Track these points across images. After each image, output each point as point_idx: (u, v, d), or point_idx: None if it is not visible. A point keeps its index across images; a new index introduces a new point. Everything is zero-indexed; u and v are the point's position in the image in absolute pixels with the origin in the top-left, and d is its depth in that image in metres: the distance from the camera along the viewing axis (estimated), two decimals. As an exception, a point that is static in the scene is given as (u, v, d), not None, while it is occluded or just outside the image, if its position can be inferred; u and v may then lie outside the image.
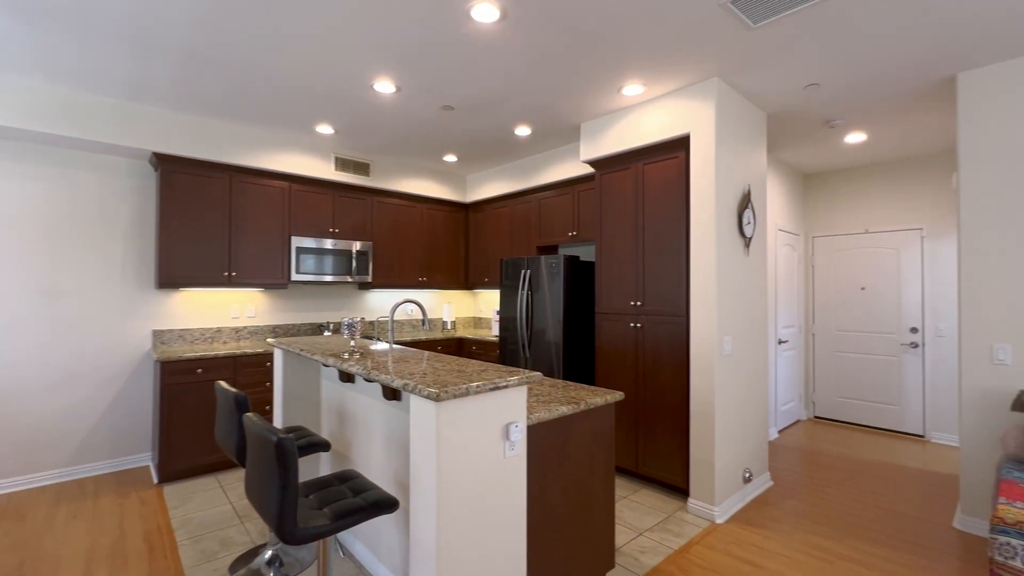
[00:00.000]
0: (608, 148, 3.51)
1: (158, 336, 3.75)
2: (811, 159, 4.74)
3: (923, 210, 4.61)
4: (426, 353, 2.32)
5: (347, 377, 2.48)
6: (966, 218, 2.83)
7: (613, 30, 2.42)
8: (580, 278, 3.91)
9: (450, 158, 4.73)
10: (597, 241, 3.62)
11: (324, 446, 2.35)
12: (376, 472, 2.32)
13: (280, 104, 3.42)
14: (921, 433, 4.60)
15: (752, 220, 3.25)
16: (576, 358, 3.87)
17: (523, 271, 4.08)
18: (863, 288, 4.95)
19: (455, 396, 1.50)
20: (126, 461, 3.64)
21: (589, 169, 4.06)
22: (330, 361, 2.12)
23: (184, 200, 3.63)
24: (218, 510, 2.96)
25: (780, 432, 4.75)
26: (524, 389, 1.74)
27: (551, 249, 4.68)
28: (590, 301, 4.00)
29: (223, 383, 2.29)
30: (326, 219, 4.37)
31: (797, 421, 5.14)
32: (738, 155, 3.17)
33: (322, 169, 4.32)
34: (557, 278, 3.80)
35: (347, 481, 1.94)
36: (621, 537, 2.65)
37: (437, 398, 1.46)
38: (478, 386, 1.55)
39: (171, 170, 3.59)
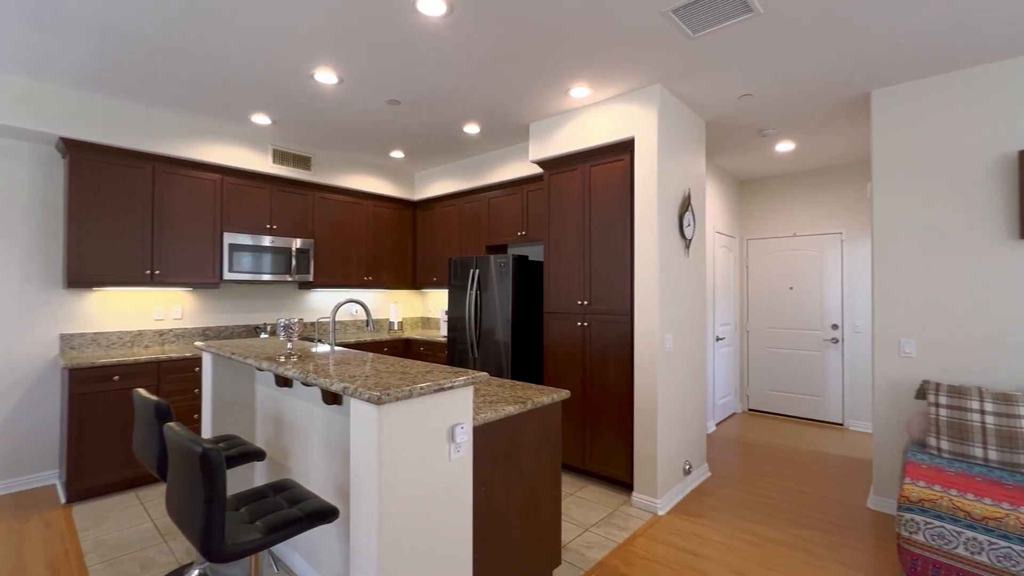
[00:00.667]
0: (556, 149, 3.54)
1: (67, 341, 3.40)
2: (746, 166, 5.02)
3: (843, 216, 5.00)
4: (370, 355, 2.24)
5: (284, 382, 2.34)
6: (878, 225, 3.09)
7: (560, 32, 2.44)
8: (529, 278, 3.93)
9: (397, 154, 4.61)
10: (545, 241, 3.65)
11: (258, 455, 2.21)
12: (316, 480, 2.21)
13: (211, 91, 3.19)
14: (841, 421, 4.99)
15: (692, 222, 3.39)
16: (525, 358, 3.88)
17: (472, 271, 4.05)
18: (791, 288, 5.31)
19: (398, 399, 1.45)
20: (27, 481, 3.26)
21: (538, 169, 4.08)
22: (264, 365, 2.00)
23: (98, 191, 3.31)
24: (137, 529, 2.71)
25: (718, 425, 5.00)
26: (470, 390, 1.71)
27: (500, 249, 4.68)
28: (539, 301, 4.03)
29: (142, 391, 2.10)
30: (263, 215, 4.14)
31: (733, 414, 5.43)
32: (679, 160, 3.29)
33: (258, 162, 4.08)
34: (506, 278, 3.80)
35: (283, 491, 1.83)
36: (568, 533, 2.68)
37: (379, 401, 1.40)
38: (422, 388, 1.51)
39: (82, 158, 3.26)
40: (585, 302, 3.39)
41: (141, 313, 3.73)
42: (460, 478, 1.67)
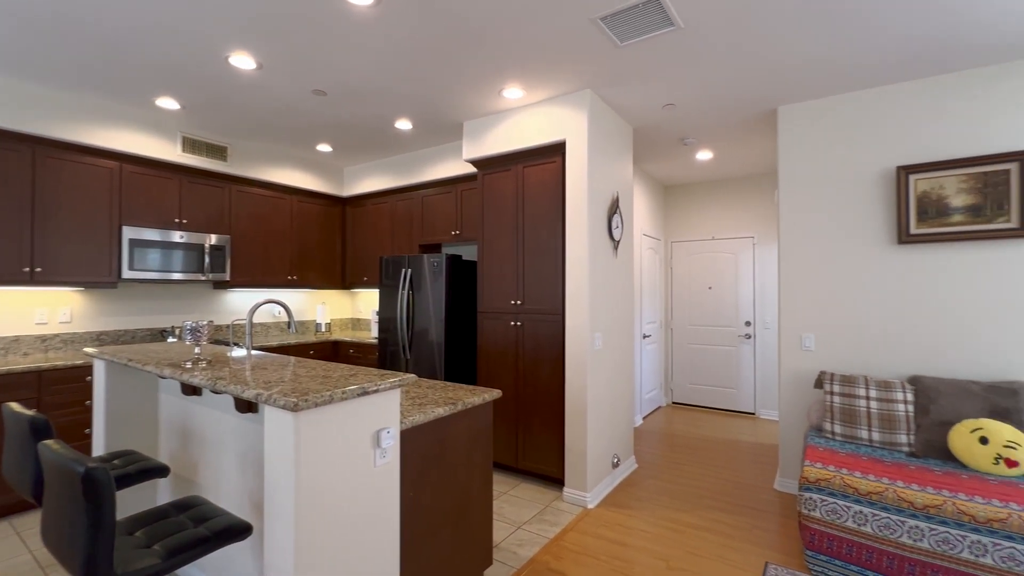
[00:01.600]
0: (490, 149, 3.54)
1: (-81, 349, 2.90)
2: (670, 172, 5.30)
3: (755, 221, 5.42)
4: (292, 359, 2.11)
5: (192, 390, 2.15)
6: (783, 230, 3.38)
7: (491, 31, 2.44)
8: (463, 278, 3.90)
9: (325, 148, 4.40)
10: (479, 240, 3.63)
11: (160, 471, 2.00)
12: (228, 496, 2.04)
13: (107, 69, 2.86)
14: (753, 411, 5.41)
15: (620, 224, 3.53)
16: (459, 358, 3.85)
17: (404, 270, 3.95)
18: (710, 288, 5.68)
19: (317, 404, 1.36)
20: None
21: (472, 168, 4.06)
22: (167, 372, 1.81)
23: (-39, 175, 2.86)
24: (12, 562, 2.37)
25: (644, 418, 5.24)
26: (397, 393, 1.66)
27: (434, 248, 4.60)
28: (473, 301, 4.00)
29: (15, 405, 1.83)
30: (171, 208, 3.78)
31: (658, 407, 5.72)
32: (609, 164, 3.41)
33: (165, 149, 3.72)
34: (439, 277, 3.74)
35: (188, 509, 1.67)
36: (500, 532, 2.68)
37: (295, 408, 1.31)
38: (345, 392, 1.44)
39: (-60, 136, 2.80)
40: (519, 302, 3.41)
41: (18, 316, 3.27)
42: (386, 484, 1.61)
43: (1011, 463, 2.24)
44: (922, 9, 2.23)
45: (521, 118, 3.39)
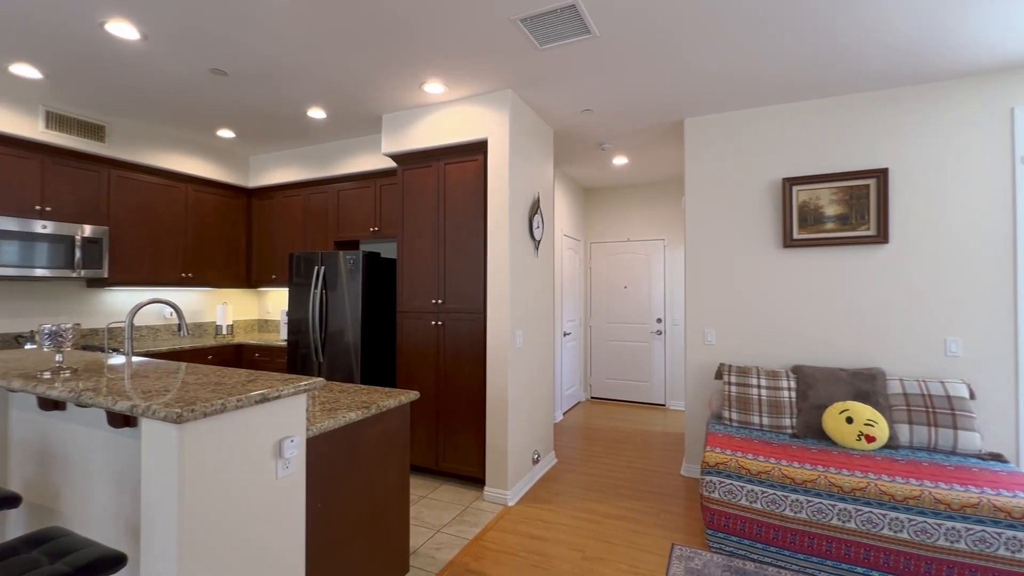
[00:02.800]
0: (411, 144, 3.44)
1: None
2: (590, 175, 5.50)
3: (666, 225, 5.79)
4: (182, 365, 1.89)
5: (53, 404, 1.85)
6: (689, 233, 3.63)
7: (412, 22, 2.36)
8: (381, 276, 3.75)
9: (226, 133, 4.02)
10: (399, 238, 3.52)
11: (10, 501, 1.70)
12: (99, 524, 1.78)
13: (-63, 21, 2.38)
14: (663, 402, 5.77)
15: (541, 224, 3.59)
16: (377, 360, 3.70)
17: (317, 268, 3.72)
18: (626, 287, 5.98)
19: (207, 415, 1.23)
20: None
21: (392, 163, 3.92)
22: (17, 384, 1.54)
23: None
24: None
25: (564, 414, 5.39)
26: (303, 398, 1.55)
27: (351, 245, 4.39)
28: (392, 300, 3.87)
29: None
30: (31, 193, 3.25)
31: (578, 403, 5.92)
32: (530, 164, 3.45)
33: (22, 125, 3.19)
34: (356, 275, 3.57)
35: (45, 543, 1.44)
36: (418, 538, 2.61)
37: (179, 420, 1.17)
38: (240, 400, 1.31)
39: None
40: (440, 301, 3.35)
41: None
42: (290, 497, 1.50)
43: (870, 439, 2.58)
44: (810, 37, 2.50)
45: (443, 114, 3.33)
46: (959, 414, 2.59)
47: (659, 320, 5.77)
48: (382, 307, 3.76)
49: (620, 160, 4.80)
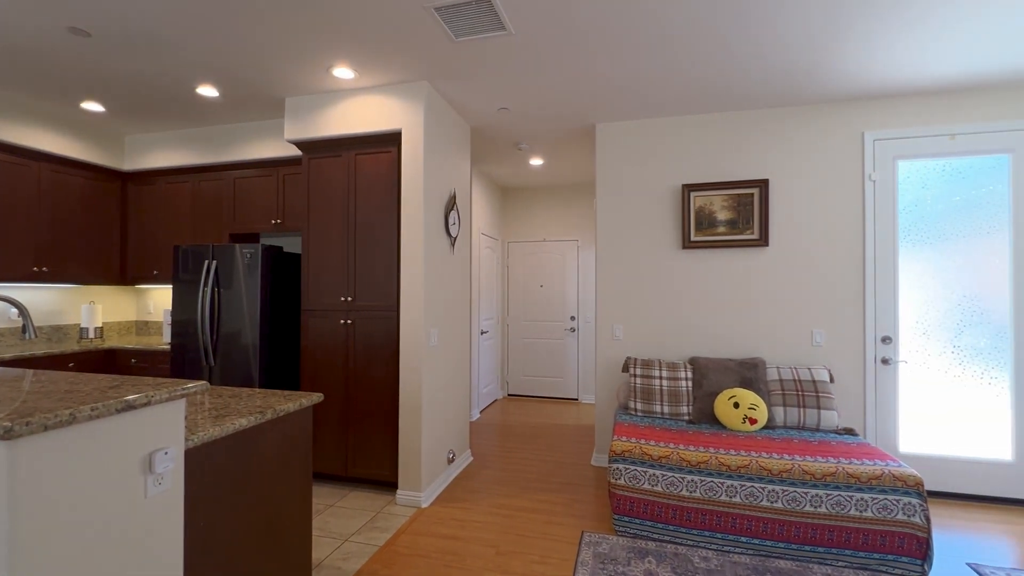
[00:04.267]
0: (318, 131, 3.23)
1: None
2: (508, 175, 5.55)
3: (579, 226, 6.02)
4: (28, 372, 1.59)
5: None
6: (600, 235, 3.80)
7: (315, 1, 2.21)
8: (285, 272, 3.49)
9: (93, 107, 3.50)
10: (305, 231, 3.29)
11: None
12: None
13: None
14: (576, 397, 5.99)
15: (457, 221, 3.55)
16: (279, 362, 3.43)
17: (208, 262, 3.36)
18: (542, 286, 6.12)
19: (48, 427, 1.04)
20: None
21: (297, 151, 3.66)
22: None
23: None
24: None
25: (482, 412, 5.39)
26: (181, 404, 1.37)
27: (251, 238, 4.03)
28: (296, 297, 3.61)
29: None
30: None
31: (495, 400, 5.95)
32: (446, 159, 3.40)
33: None
34: (255, 271, 3.28)
35: None
36: (324, 549, 2.46)
37: (9, 435, 0.98)
38: (95, 409, 1.12)
39: None
40: (350, 298, 3.18)
41: None
42: (164, 517, 1.32)
43: (752, 421, 2.87)
44: (710, 56, 2.71)
45: (354, 102, 3.17)
46: (822, 396, 2.97)
47: (573, 318, 5.98)
48: (285, 305, 3.49)
49: (537, 161, 4.90)
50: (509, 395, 6.23)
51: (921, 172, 3.25)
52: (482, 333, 5.38)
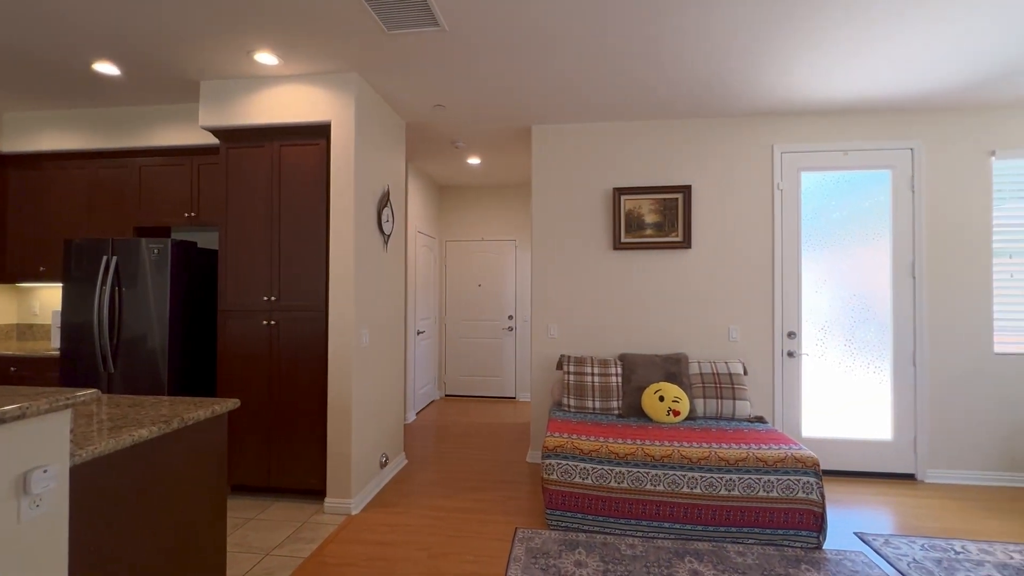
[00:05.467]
0: (238, 118, 3.02)
1: None
2: (445, 173, 5.49)
3: (517, 226, 6.07)
4: None
5: None
6: (536, 235, 3.86)
7: (233, -24, 2.06)
8: (199, 269, 3.23)
9: (-36, 78, 3.04)
10: (223, 226, 3.06)
11: None
12: None
13: None
14: (513, 395, 6.05)
15: (391, 219, 3.46)
16: (193, 368, 3.17)
17: (105, 258, 3.03)
18: (480, 285, 6.12)
19: None
20: None
21: (215, 139, 3.39)
22: None
23: None
24: None
25: (418, 413, 5.30)
26: (66, 416, 1.23)
27: (161, 232, 3.69)
28: (213, 297, 3.36)
29: None
30: None
31: (432, 401, 5.87)
32: (379, 154, 3.30)
33: None
34: (164, 268, 3.00)
35: None
36: (242, 565, 2.30)
37: None
38: (-47, 424, 0.98)
39: None
40: (273, 297, 3.00)
41: None
42: (44, 543, 1.18)
43: (676, 413, 3.04)
44: (640, 64, 2.82)
45: (279, 90, 2.99)
46: (736, 387, 3.20)
47: (511, 317, 6.03)
48: (200, 306, 3.23)
49: (474, 160, 4.88)
50: (447, 395, 6.16)
51: (821, 183, 3.60)
52: (418, 333, 5.29)
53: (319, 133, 3.00)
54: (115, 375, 3.01)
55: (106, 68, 2.89)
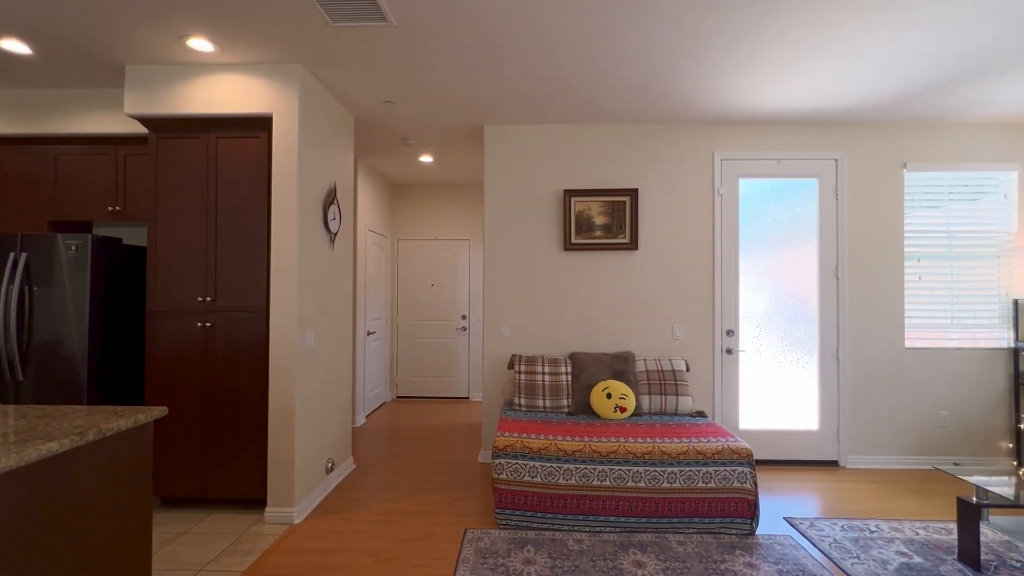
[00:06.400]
0: (169, 107, 2.83)
1: None
2: (397, 171, 5.38)
3: (470, 225, 6.05)
4: None
5: None
6: (488, 235, 3.85)
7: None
8: (124, 268, 3.01)
9: None
10: (152, 221, 2.87)
11: None
12: None
13: None
14: (467, 395, 6.02)
15: (338, 216, 3.35)
16: (118, 375, 2.95)
17: (13, 255, 2.76)
18: (432, 285, 6.05)
19: None
20: None
21: (143, 127, 3.17)
22: None
23: None
24: None
25: (368, 416, 5.17)
26: (-43, 431, 1.11)
27: (81, 227, 3.40)
28: (141, 298, 3.14)
29: None
30: None
31: (383, 404, 5.75)
32: (325, 150, 3.19)
33: None
34: (83, 266, 2.77)
35: None
36: (173, 584, 2.17)
37: None
38: None
39: None
40: (209, 298, 2.84)
41: None
42: (-70, 573, 1.06)
43: (623, 409, 3.13)
44: (586, 68, 2.88)
45: (216, 79, 2.83)
46: (680, 384, 3.33)
47: (464, 316, 6.00)
48: (126, 307, 3.01)
49: (427, 158, 4.82)
50: (399, 397, 6.06)
51: (758, 189, 3.81)
52: (369, 334, 5.16)
53: (260, 126, 2.86)
54: (24, 383, 2.74)
55: (14, 46, 2.63)
